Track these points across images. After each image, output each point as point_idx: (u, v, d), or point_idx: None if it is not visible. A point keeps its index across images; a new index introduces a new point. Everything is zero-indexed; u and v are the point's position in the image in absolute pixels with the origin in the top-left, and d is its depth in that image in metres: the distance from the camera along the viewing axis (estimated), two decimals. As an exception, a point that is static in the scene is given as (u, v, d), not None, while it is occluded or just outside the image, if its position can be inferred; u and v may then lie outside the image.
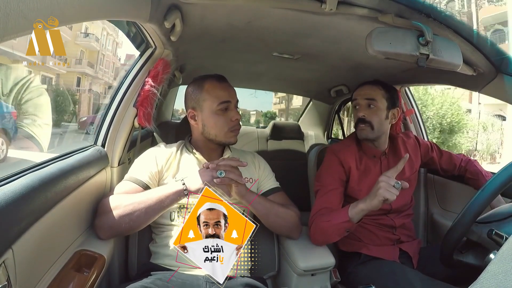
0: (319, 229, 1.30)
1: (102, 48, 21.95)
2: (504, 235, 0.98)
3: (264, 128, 3.06)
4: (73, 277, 0.95)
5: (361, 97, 1.47)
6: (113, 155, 1.34)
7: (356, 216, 1.22)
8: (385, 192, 1.12)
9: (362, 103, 1.46)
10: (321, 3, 0.98)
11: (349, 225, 1.24)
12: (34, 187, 0.81)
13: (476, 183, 1.55)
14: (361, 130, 1.46)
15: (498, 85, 1.21)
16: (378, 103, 1.44)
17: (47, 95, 10.25)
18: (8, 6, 0.48)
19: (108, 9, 0.80)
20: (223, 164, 1.11)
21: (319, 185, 1.44)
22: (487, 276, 0.44)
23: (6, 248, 0.71)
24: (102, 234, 1.14)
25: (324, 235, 1.30)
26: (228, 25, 1.28)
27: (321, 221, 1.30)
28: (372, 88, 1.47)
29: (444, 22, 1.01)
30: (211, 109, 1.24)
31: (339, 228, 1.26)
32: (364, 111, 1.45)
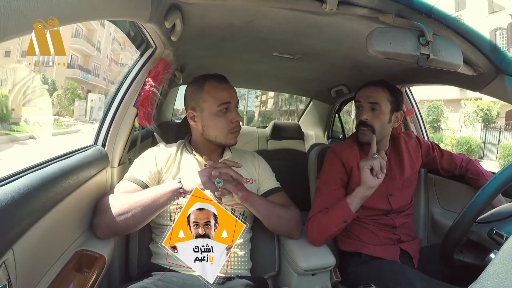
0: (316, 223, 1.30)
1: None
2: (505, 234, 0.98)
3: (264, 128, 3.06)
4: (73, 277, 0.95)
5: (365, 100, 1.44)
6: (114, 155, 1.34)
7: (354, 201, 1.25)
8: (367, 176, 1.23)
9: (365, 106, 1.44)
10: (321, 3, 0.98)
11: (347, 213, 1.25)
12: (34, 187, 0.81)
13: (477, 183, 1.56)
14: (363, 134, 1.45)
15: (498, 85, 1.21)
16: (381, 106, 1.42)
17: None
18: (8, 6, 0.48)
19: (109, 9, 0.80)
20: (225, 173, 1.11)
21: (320, 184, 1.44)
22: (488, 276, 0.44)
23: (7, 248, 0.71)
24: (100, 233, 1.14)
25: (321, 228, 1.29)
26: (229, 24, 1.28)
27: (319, 217, 1.31)
28: (376, 91, 1.44)
29: (444, 22, 1.00)
30: (211, 110, 1.24)
31: (337, 217, 1.27)
32: (367, 114, 1.43)
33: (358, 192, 1.26)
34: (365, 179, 1.23)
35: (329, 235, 1.30)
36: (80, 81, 20.83)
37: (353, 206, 1.25)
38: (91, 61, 21.81)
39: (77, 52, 21.03)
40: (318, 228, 1.30)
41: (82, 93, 19.91)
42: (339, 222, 1.27)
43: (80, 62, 21.35)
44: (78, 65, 21.14)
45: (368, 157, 1.27)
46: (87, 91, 20.15)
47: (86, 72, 21.63)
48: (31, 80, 15.63)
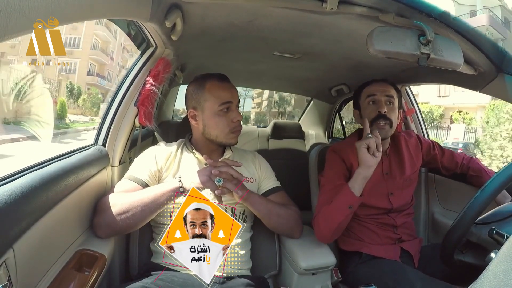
0: (322, 216, 1.30)
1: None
2: (505, 234, 0.98)
3: (265, 128, 3.06)
4: (74, 277, 0.95)
5: (381, 93, 1.43)
6: (114, 154, 1.34)
7: (355, 184, 1.25)
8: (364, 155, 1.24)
9: (382, 99, 1.43)
10: (321, 2, 0.97)
11: (351, 197, 1.25)
12: (35, 186, 0.81)
13: (479, 180, 1.55)
14: (381, 128, 1.40)
15: (499, 84, 1.21)
16: (395, 101, 1.44)
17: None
18: (9, 6, 0.48)
19: (109, 8, 0.80)
20: (225, 172, 1.11)
21: (324, 180, 1.43)
22: (488, 275, 0.44)
23: (7, 247, 0.71)
24: (100, 233, 1.14)
25: (327, 220, 1.28)
26: (229, 24, 1.27)
27: (323, 209, 1.31)
28: (389, 87, 1.45)
29: (445, 21, 1.00)
30: (213, 109, 1.24)
31: (342, 203, 1.26)
32: (386, 107, 1.41)
33: (358, 174, 1.26)
34: (363, 158, 1.24)
35: (336, 226, 1.28)
36: (97, 86, 23.41)
37: (355, 190, 1.25)
38: (106, 68, 24.59)
39: (95, 61, 23.60)
40: (324, 220, 1.29)
41: (101, 97, 22.37)
42: (344, 209, 1.26)
43: (97, 70, 23.99)
44: (96, 73, 23.90)
45: (362, 138, 1.28)
46: (102, 95, 22.99)
47: (102, 78, 24.22)
48: (71, 87, 19.97)
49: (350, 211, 1.27)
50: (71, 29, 21.23)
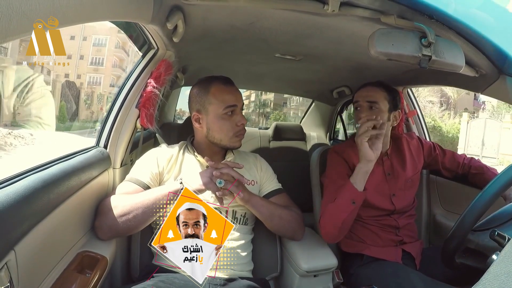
0: (327, 214, 1.30)
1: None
2: (507, 236, 0.98)
3: (267, 129, 3.06)
4: (75, 279, 0.95)
5: (363, 99, 1.45)
6: (116, 156, 1.34)
7: (356, 178, 1.27)
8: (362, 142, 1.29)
9: (363, 105, 1.45)
10: (323, 4, 0.98)
11: (353, 192, 1.26)
12: (36, 189, 0.81)
13: (481, 177, 1.55)
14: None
15: (500, 86, 1.21)
16: (380, 105, 1.43)
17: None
18: (10, 7, 0.48)
19: (110, 10, 0.80)
20: (226, 174, 1.11)
21: (328, 182, 1.44)
22: (490, 277, 0.44)
23: (9, 249, 0.71)
24: (101, 235, 1.14)
25: (332, 218, 1.29)
26: (231, 26, 1.28)
27: (328, 207, 1.31)
28: (374, 90, 1.45)
29: (446, 23, 1.00)
30: (217, 113, 1.24)
31: (345, 199, 1.27)
32: (365, 113, 1.43)
33: (359, 169, 1.29)
34: (365, 152, 1.28)
35: (340, 223, 1.28)
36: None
37: (357, 185, 1.27)
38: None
39: (115, 76, 29.32)
40: (329, 218, 1.30)
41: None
42: (348, 205, 1.27)
43: (116, 82, 29.63)
44: (116, 84, 29.56)
45: (357, 133, 1.32)
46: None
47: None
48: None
49: (353, 207, 1.27)
50: (96, 51, 28.74)
